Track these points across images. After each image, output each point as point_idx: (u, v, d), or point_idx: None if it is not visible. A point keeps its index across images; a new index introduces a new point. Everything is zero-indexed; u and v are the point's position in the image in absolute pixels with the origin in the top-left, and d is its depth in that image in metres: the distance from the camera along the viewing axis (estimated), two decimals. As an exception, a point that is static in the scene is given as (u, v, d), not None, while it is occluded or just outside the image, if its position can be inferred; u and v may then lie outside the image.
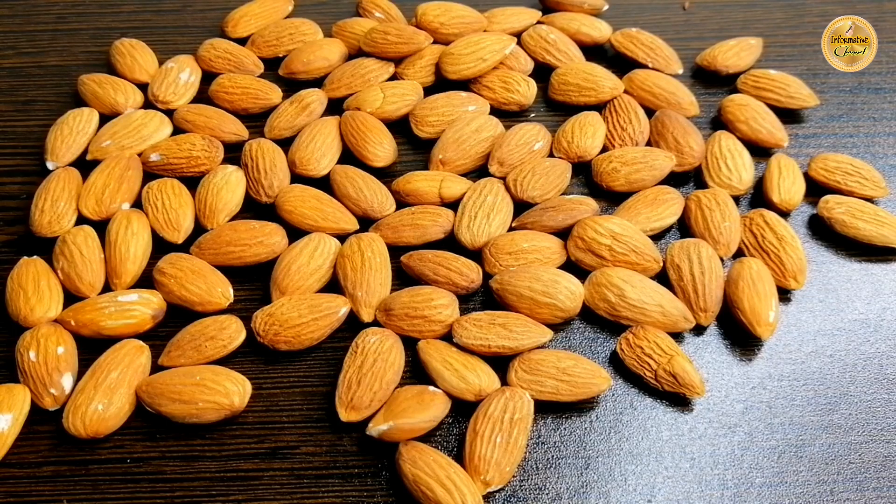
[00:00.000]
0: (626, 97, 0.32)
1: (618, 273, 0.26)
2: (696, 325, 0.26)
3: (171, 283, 0.26)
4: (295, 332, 0.25)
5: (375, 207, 0.28)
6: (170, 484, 0.23)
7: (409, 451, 0.22)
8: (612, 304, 0.25)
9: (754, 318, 0.25)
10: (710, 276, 0.26)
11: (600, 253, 0.26)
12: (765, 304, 0.25)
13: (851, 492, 0.23)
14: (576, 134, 0.30)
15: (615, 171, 0.29)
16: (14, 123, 0.33)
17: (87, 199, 0.29)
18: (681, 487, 0.23)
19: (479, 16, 0.35)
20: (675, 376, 0.24)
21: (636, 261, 0.26)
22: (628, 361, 0.25)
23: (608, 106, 0.32)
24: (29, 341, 0.25)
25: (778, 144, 0.31)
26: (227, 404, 0.23)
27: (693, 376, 0.24)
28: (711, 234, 0.27)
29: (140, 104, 0.33)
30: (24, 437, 0.24)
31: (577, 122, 0.31)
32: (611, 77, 0.33)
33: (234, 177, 0.29)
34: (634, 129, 0.31)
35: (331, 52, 0.34)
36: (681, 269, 0.26)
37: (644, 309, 0.25)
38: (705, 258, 0.26)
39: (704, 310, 0.26)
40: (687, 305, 0.26)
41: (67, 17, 0.38)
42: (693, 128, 0.31)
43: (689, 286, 0.26)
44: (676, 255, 0.27)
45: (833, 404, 0.24)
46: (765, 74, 0.33)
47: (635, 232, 0.27)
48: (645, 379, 0.24)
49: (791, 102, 0.32)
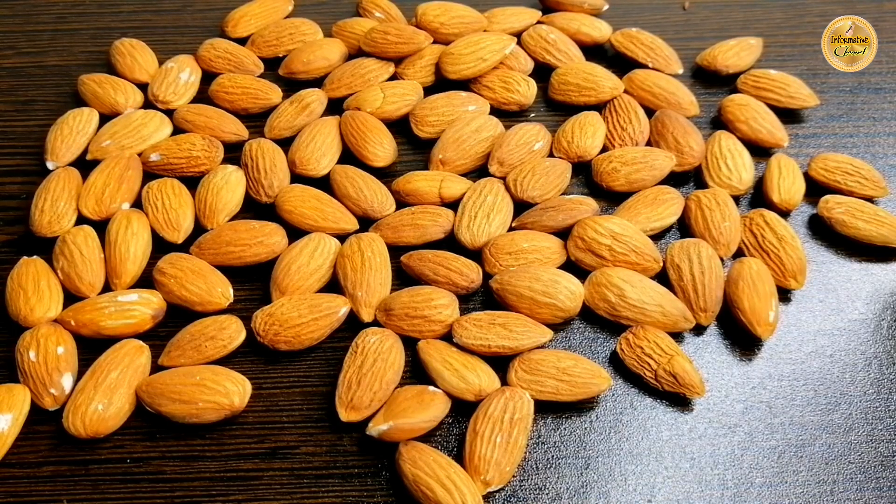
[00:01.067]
0: (627, 97, 0.32)
1: (618, 273, 0.26)
2: (696, 324, 0.26)
3: (171, 282, 0.26)
4: (295, 332, 0.25)
5: (375, 207, 0.28)
6: (170, 484, 0.23)
7: (409, 451, 0.22)
8: (612, 304, 0.25)
9: (754, 318, 0.25)
10: (710, 275, 0.26)
11: (600, 253, 0.26)
12: (765, 303, 0.25)
13: (851, 492, 0.23)
14: (576, 134, 0.30)
15: (615, 171, 0.29)
16: (14, 123, 0.33)
17: (87, 198, 0.29)
18: (681, 487, 0.23)
19: (479, 16, 0.35)
20: (675, 376, 0.24)
21: (636, 261, 0.26)
22: (628, 361, 0.25)
23: (608, 106, 0.32)
24: (29, 341, 0.25)
25: (778, 144, 0.31)
26: (227, 404, 0.23)
27: (693, 376, 0.24)
28: (711, 234, 0.27)
29: (140, 104, 0.33)
30: (24, 437, 0.24)
31: (576, 122, 0.31)
32: (611, 77, 0.33)
33: (234, 177, 0.29)
34: (634, 128, 0.31)
35: (331, 51, 0.34)
36: (681, 269, 0.26)
37: (644, 309, 0.25)
38: (705, 258, 0.26)
39: (704, 309, 0.26)
40: (687, 305, 0.26)
41: (67, 17, 0.38)
42: (693, 128, 0.31)
43: (689, 286, 0.26)
44: (676, 255, 0.27)
45: (833, 404, 0.24)
46: (765, 74, 0.33)
47: (635, 232, 0.27)
48: (645, 379, 0.24)
49: (791, 102, 0.32)
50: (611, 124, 0.31)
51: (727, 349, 0.26)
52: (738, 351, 0.26)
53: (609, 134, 0.31)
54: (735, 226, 0.28)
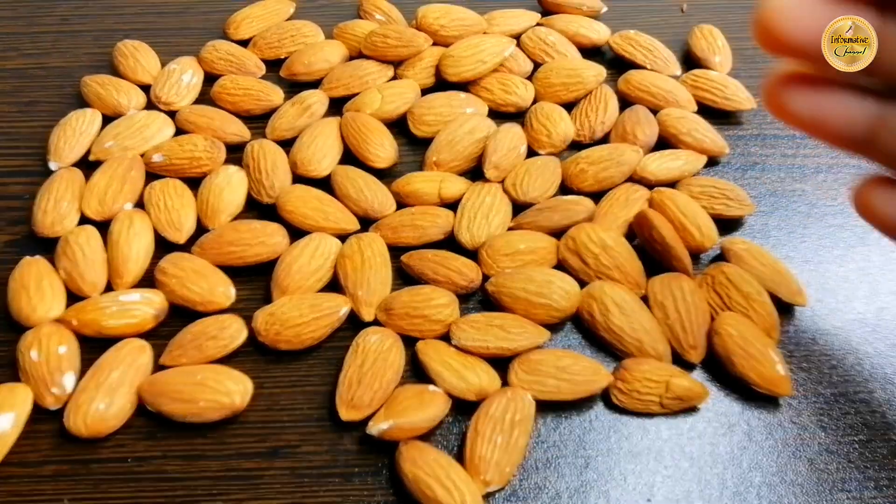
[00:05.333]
0: (605, 88, 0.32)
1: (615, 293, 0.25)
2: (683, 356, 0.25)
3: (173, 282, 0.26)
4: (296, 331, 0.25)
5: (376, 207, 0.29)
6: (171, 483, 0.23)
7: (409, 451, 0.22)
8: (595, 320, 0.25)
9: (769, 384, 0.24)
10: (695, 311, 0.25)
11: (586, 259, 0.26)
12: (768, 363, 0.24)
13: (851, 492, 0.23)
14: (548, 126, 0.30)
15: (583, 171, 0.29)
16: (17, 124, 0.33)
17: (89, 199, 0.29)
18: (680, 487, 0.23)
19: (478, 18, 0.35)
20: (679, 398, 0.23)
21: (618, 278, 0.26)
22: (631, 407, 0.24)
23: (587, 96, 0.32)
24: (31, 341, 0.25)
25: (721, 153, 0.31)
26: (228, 403, 0.23)
27: (695, 388, 0.23)
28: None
29: (142, 105, 0.33)
30: (25, 436, 0.24)
31: (535, 118, 0.31)
32: (591, 66, 0.33)
33: (235, 177, 0.29)
34: (592, 120, 0.31)
35: (332, 53, 0.34)
36: (665, 307, 0.25)
37: (622, 338, 0.25)
38: (688, 293, 0.25)
39: (694, 347, 0.25)
40: (676, 343, 0.25)
41: (70, 19, 0.38)
42: (649, 117, 0.31)
43: (676, 324, 0.25)
44: (659, 293, 0.25)
45: (832, 404, 0.25)
46: (704, 74, 0.33)
47: (628, 252, 0.26)
48: (654, 414, 0.24)
49: (727, 104, 0.32)
50: (582, 112, 0.32)
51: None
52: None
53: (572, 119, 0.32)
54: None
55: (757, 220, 0.29)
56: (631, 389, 0.24)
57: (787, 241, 0.29)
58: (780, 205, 0.30)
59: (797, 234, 0.29)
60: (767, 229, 0.29)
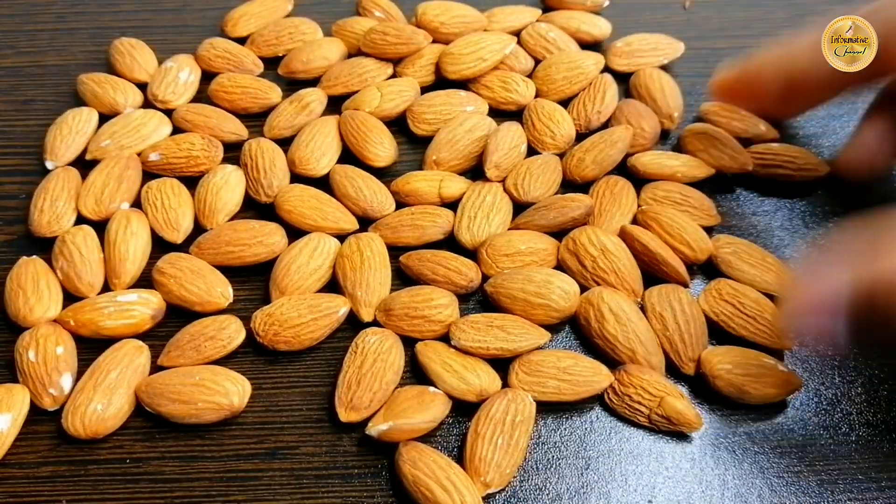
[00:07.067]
0: (605, 77, 0.32)
1: (614, 300, 0.25)
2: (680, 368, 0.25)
3: (171, 282, 0.26)
4: (294, 331, 0.25)
5: (375, 207, 0.28)
6: (169, 484, 0.23)
7: (408, 452, 0.22)
8: (590, 326, 0.25)
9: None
10: (694, 323, 0.25)
11: (584, 261, 0.26)
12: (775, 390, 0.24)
13: (851, 492, 0.23)
14: (551, 126, 0.30)
15: (581, 161, 0.29)
16: (13, 123, 0.33)
17: (86, 198, 0.29)
18: (681, 487, 0.23)
19: (479, 15, 0.35)
20: (668, 418, 0.23)
21: (614, 283, 0.26)
22: (619, 410, 0.24)
23: (587, 87, 0.32)
24: (28, 341, 0.25)
25: (743, 168, 0.29)
26: (226, 404, 0.23)
27: (687, 414, 0.23)
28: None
29: (139, 104, 0.33)
30: (23, 437, 0.24)
31: (537, 118, 0.31)
32: (590, 55, 0.33)
33: (233, 176, 0.29)
34: (589, 109, 0.31)
35: (330, 51, 0.34)
36: (664, 319, 0.25)
37: (615, 346, 0.24)
38: (686, 304, 0.25)
39: (692, 359, 0.24)
40: (675, 355, 0.25)
41: (67, 17, 0.38)
42: (649, 112, 0.31)
43: (675, 336, 0.25)
44: (657, 304, 0.25)
45: (833, 404, 0.24)
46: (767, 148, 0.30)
47: (628, 259, 0.26)
48: (640, 425, 0.24)
49: (802, 174, 0.29)
50: (580, 102, 0.32)
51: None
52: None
53: (570, 110, 0.31)
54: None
55: (761, 220, 0.29)
56: (624, 394, 0.24)
57: (791, 241, 0.29)
58: (783, 205, 0.30)
59: (799, 234, 0.29)
60: (771, 229, 0.29)
